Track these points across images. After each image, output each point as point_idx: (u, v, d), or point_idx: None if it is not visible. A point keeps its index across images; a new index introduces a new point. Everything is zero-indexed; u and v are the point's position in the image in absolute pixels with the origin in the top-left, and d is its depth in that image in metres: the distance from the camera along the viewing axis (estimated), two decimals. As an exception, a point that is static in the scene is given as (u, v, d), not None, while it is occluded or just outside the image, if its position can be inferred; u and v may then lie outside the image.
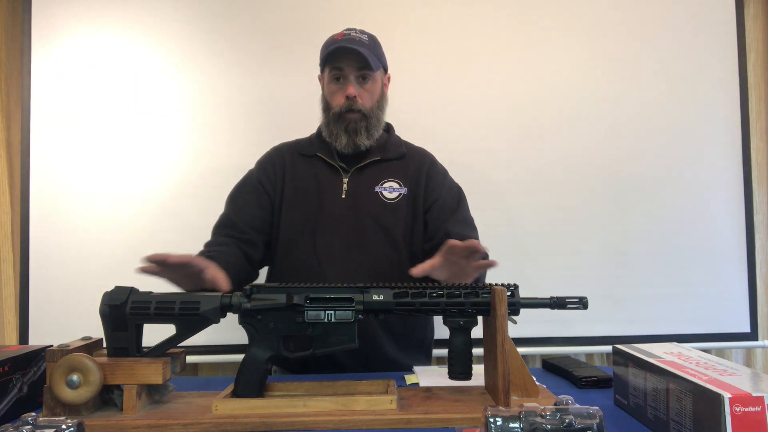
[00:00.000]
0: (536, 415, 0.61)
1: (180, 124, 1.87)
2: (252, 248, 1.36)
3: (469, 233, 1.36)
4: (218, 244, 1.32)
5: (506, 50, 1.93)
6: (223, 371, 1.87)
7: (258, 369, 0.93)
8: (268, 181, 1.42)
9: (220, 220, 1.40)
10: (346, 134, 1.36)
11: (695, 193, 1.93)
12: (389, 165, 1.41)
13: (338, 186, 1.38)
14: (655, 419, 0.82)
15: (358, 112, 1.35)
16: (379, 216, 1.36)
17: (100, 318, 0.92)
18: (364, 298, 0.94)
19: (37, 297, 1.81)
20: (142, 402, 0.90)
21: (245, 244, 1.35)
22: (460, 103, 1.91)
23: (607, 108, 1.93)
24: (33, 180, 1.83)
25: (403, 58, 1.82)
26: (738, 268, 1.93)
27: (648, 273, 1.91)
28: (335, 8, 1.90)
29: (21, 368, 0.97)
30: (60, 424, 0.63)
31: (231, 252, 1.30)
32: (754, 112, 2.00)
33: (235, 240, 1.34)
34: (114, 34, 1.88)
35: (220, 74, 1.89)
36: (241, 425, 0.85)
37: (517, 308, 0.94)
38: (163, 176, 1.86)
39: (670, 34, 1.95)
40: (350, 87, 1.35)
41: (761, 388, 0.69)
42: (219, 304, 0.93)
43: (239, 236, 1.35)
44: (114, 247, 1.82)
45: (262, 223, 1.39)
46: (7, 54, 1.91)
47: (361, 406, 0.88)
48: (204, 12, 1.90)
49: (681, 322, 1.90)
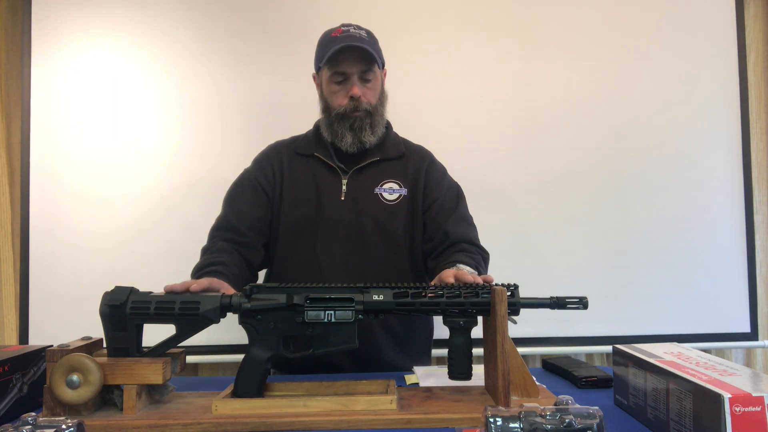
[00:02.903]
0: (536, 415, 0.61)
1: (180, 124, 1.87)
2: (252, 252, 1.33)
3: (468, 232, 1.36)
4: (218, 251, 1.27)
5: (507, 50, 1.93)
6: (223, 371, 1.87)
7: (258, 369, 0.93)
8: (266, 180, 1.39)
9: (219, 223, 1.36)
10: (352, 132, 1.34)
11: (695, 193, 1.93)
12: (388, 165, 1.40)
13: (337, 187, 1.37)
14: (655, 419, 0.82)
15: (363, 110, 1.34)
16: (380, 218, 1.35)
17: (100, 318, 0.92)
18: (364, 298, 0.94)
19: (37, 297, 1.81)
20: (142, 402, 0.90)
21: (246, 249, 1.32)
22: (460, 103, 1.91)
23: (607, 108, 1.93)
24: (33, 180, 1.83)
25: (404, 58, 1.82)
26: (738, 268, 1.93)
27: (648, 273, 1.90)
28: (335, 8, 1.90)
29: (21, 368, 0.97)
30: (60, 424, 0.63)
31: (233, 261, 1.25)
32: (754, 112, 2.00)
33: (235, 245, 1.31)
34: (114, 34, 1.88)
35: (219, 74, 1.89)
36: (241, 425, 0.85)
37: (517, 308, 0.94)
38: (163, 176, 1.86)
39: (670, 34, 1.95)
40: (355, 88, 1.32)
41: (761, 388, 0.69)
42: (219, 304, 0.93)
43: (239, 240, 1.32)
44: (114, 247, 1.82)
45: (261, 224, 1.37)
46: (7, 54, 1.91)
47: (361, 406, 0.88)
48: (204, 12, 1.90)
49: (681, 322, 1.90)
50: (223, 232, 1.33)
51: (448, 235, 1.33)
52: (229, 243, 1.31)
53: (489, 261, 1.37)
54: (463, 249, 1.30)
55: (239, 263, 1.28)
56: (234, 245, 1.31)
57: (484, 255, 1.35)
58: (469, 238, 1.34)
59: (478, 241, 1.38)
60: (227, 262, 1.23)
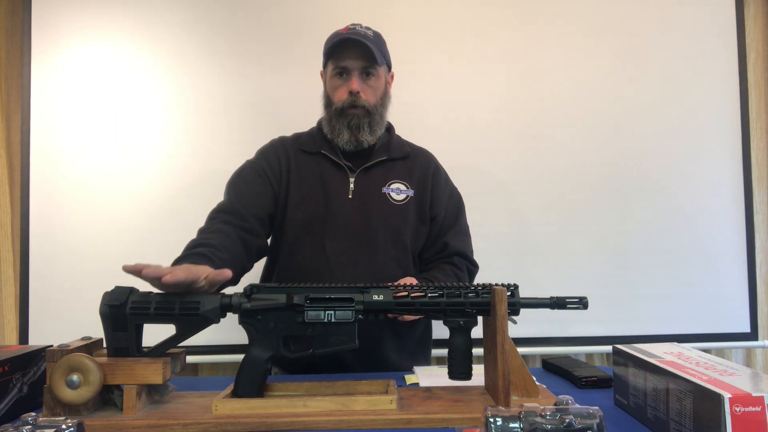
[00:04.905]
0: (536, 415, 0.61)
1: (179, 124, 1.87)
2: (252, 236, 1.28)
3: (465, 246, 1.43)
4: (213, 232, 1.21)
5: (507, 51, 1.93)
6: (223, 371, 1.87)
7: (258, 369, 0.93)
8: (272, 172, 1.37)
9: (221, 206, 1.31)
10: (349, 130, 1.34)
11: (695, 193, 1.93)
12: (395, 165, 1.41)
13: (344, 186, 1.36)
14: (655, 419, 0.82)
15: (362, 108, 1.34)
16: (388, 218, 1.35)
17: (100, 318, 0.92)
18: (364, 298, 0.94)
19: (37, 297, 1.81)
20: (142, 402, 0.90)
21: (246, 233, 1.26)
22: (460, 103, 1.91)
23: (607, 108, 1.94)
24: (33, 180, 1.83)
25: (404, 58, 1.81)
26: (738, 268, 1.93)
27: (648, 273, 1.91)
28: (336, 8, 1.90)
29: (21, 368, 0.97)
30: (60, 424, 0.63)
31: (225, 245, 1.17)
32: (754, 112, 2.00)
33: (236, 228, 1.25)
34: (113, 34, 1.88)
35: (220, 74, 1.89)
36: (241, 425, 0.85)
37: (517, 308, 0.94)
38: (163, 176, 1.86)
39: (670, 34, 1.96)
40: (354, 82, 1.33)
41: (761, 388, 0.69)
42: (219, 304, 0.93)
43: (241, 224, 1.26)
44: (114, 247, 1.82)
45: (264, 211, 1.33)
46: (7, 54, 1.91)
47: (361, 406, 0.88)
48: (205, 12, 1.90)
49: (681, 322, 1.90)
50: (223, 214, 1.28)
51: (447, 247, 1.40)
52: (228, 225, 1.24)
53: (475, 274, 1.46)
54: (453, 263, 1.39)
55: (232, 247, 1.20)
56: (234, 228, 1.25)
57: (471, 269, 1.43)
58: (465, 252, 1.42)
59: (472, 253, 1.46)
60: (218, 245, 1.15)
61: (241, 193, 1.33)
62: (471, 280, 1.39)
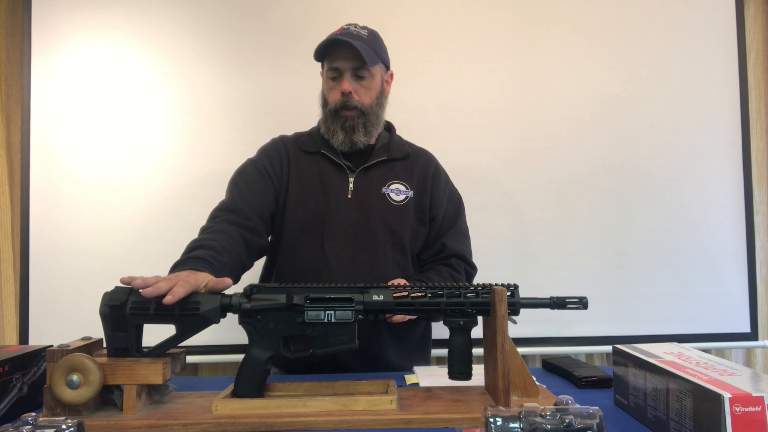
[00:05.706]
0: (536, 415, 0.61)
1: (179, 124, 1.87)
2: (255, 236, 1.27)
3: (464, 248, 1.43)
4: (215, 232, 1.20)
5: (507, 51, 1.93)
6: (223, 371, 1.87)
7: (258, 369, 0.93)
8: (273, 170, 1.37)
9: (223, 204, 1.31)
10: (343, 131, 1.34)
11: (695, 193, 1.93)
12: (394, 165, 1.40)
13: (344, 185, 1.36)
14: (655, 419, 0.82)
15: (354, 108, 1.33)
16: (387, 218, 1.35)
17: (100, 318, 0.92)
18: (364, 299, 0.94)
19: (37, 297, 1.81)
20: (142, 402, 0.90)
21: (248, 232, 1.26)
22: (460, 103, 1.91)
23: (607, 108, 1.94)
24: (33, 180, 1.83)
25: (404, 58, 1.82)
26: (738, 268, 1.93)
27: (648, 273, 1.91)
28: (336, 7, 1.90)
29: (21, 368, 0.97)
30: (60, 424, 0.63)
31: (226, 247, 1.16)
32: (754, 112, 2.00)
33: (238, 227, 1.24)
34: (113, 34, 1.88)
35: (219, 74, 1.89)
36: (241, 425, 0.85)
37: (517, 308, 0.94)
38: (163, 176, 1.86)
39: (671, 34, 1.96)
40: (345, 82, 1.32)
41: (761, 388, 0.69)
42: (219, 305, 0.93)
43: (243, 223, 1.26)
44: (114, 247, 1.82)
45: (266, 210, 1.33)
46: (7, 54, 1.91)
47: (361, 406, 0.88)
48: (205, 12, 1.90)
49: (681, 322, 1.90)
50: (226, 213, 1.28)
51: (445, 248, 1.40)
52: (230, 224, 1.24)
53: (474, 276, 1.45)
54: (450, 265, 1.39)
55: (233, 249, 1.19)
56: (236, 227, 1.24)
57: (469, 271, 1.43)
58: (463, 254, 1.42)
59: (470, 255, 1.45)
60: (219, 247, 1.14)
61: (244, 192, 1.33)
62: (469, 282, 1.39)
